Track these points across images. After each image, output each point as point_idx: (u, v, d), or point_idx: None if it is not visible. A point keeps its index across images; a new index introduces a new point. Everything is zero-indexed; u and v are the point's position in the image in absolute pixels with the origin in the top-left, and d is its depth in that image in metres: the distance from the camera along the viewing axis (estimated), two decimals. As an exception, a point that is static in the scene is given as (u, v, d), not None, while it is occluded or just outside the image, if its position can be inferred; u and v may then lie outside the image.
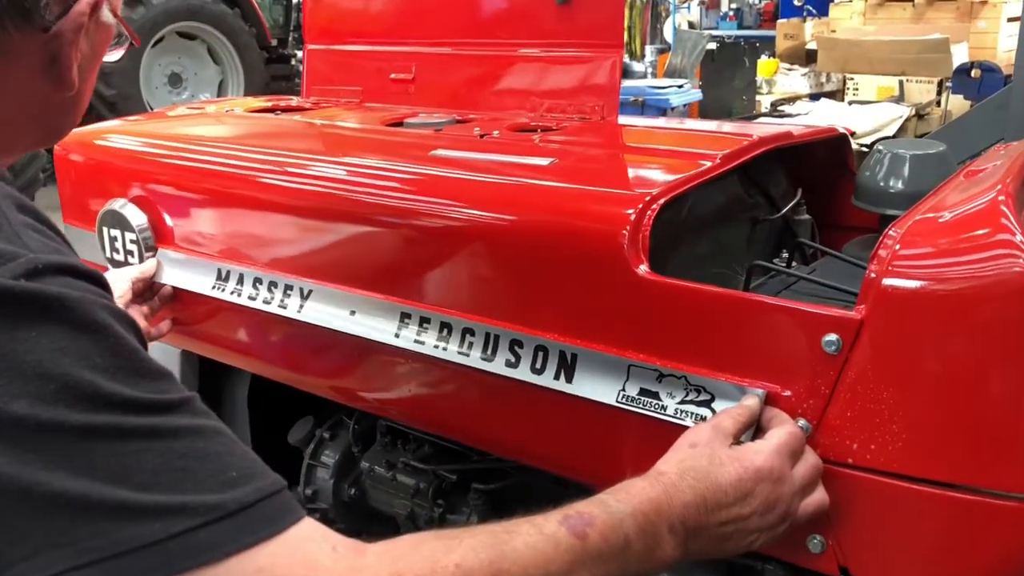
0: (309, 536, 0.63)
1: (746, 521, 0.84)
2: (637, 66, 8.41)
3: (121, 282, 1.36)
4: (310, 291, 1.24)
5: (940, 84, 6.50)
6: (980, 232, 0.81)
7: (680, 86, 5.54)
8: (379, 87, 1.72)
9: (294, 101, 1.78)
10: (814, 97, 6.88)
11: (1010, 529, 0.81)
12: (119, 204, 1.42)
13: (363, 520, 1.49)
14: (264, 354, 1.39)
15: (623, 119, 1.41)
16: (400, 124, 1.45)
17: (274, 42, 8.57)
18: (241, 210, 1.33)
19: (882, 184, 1.23)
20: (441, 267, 1.12)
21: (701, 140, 1.28)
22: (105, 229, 1.45)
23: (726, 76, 6.88)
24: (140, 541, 0.56)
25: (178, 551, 0.57)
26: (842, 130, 1.37)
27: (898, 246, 0.83)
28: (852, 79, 7.11)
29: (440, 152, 1.22)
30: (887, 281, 0.82)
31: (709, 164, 1.09)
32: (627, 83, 6.30)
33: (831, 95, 7.14)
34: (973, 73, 5.26)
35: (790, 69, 7.35)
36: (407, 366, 1.16)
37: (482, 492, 1.30)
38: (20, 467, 0.55)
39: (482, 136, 1.31)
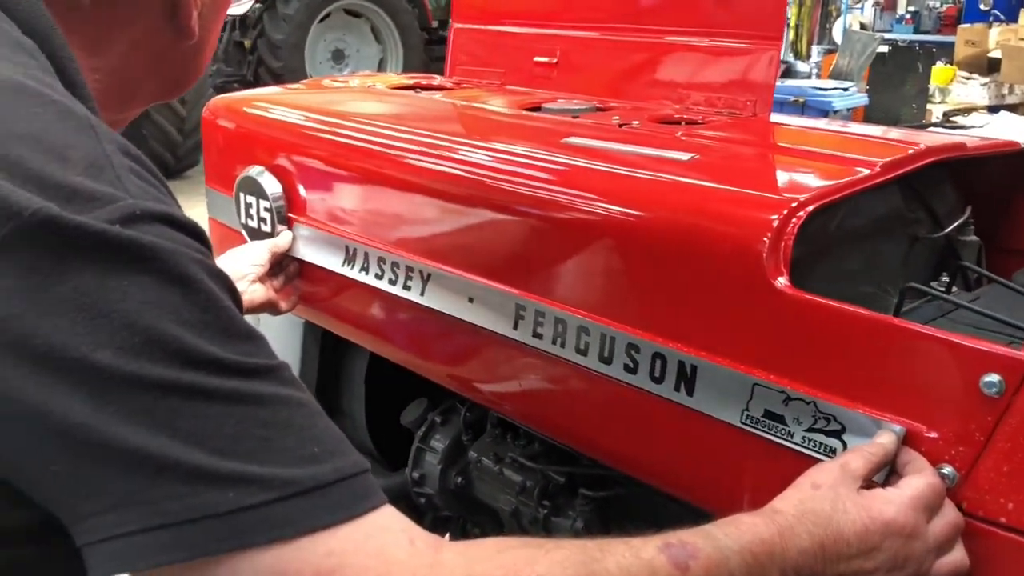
0: (387, 526, 0.59)
1: None
2: (801, 66, 8.09)
3: (260, 253, 1.38)
4: (430, 275, 1.21)
5: None
6: None
7: (845, 89, 5.26)
8: (522, 70, 1.67)
9: (436, 80, 1.76)
10: (993, 109, 6.42)
11: None
12: (256, 171, 1.44)
13: (468, 509, 1.46)
14: (383, 333, 1.37)
15: (777, 117, 1.31)
16: (538, 109, 1.40)
17: (435, 23, 8.71)
18: (371, 187, 1.32)
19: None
20: (561, 261, 1.07)
21: (861, 145, 1.17)
22: (242, 195, 1.47)
23: (896, 81, 6.49)
24: (212, 509, 0.54)
25: (250, 524, 0.55)
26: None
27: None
28: (1036, 90, 6.59)
29: (574, 140, 1.17)
30: (1070, 319, 0.71)
31: (867, 172, 0.98)
32: (789, 83, 6.05)
33: (1012, 108, 6.64)
34: None
35: (968, 78, 6.88)
36: (520, 360, 1.12)
37: (590, 499, 1.25)
38: (100, 418, 0.53)
39: (621, 125, 1.24)
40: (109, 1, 0.71)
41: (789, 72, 7.41)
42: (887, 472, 0.81)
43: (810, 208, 0.90)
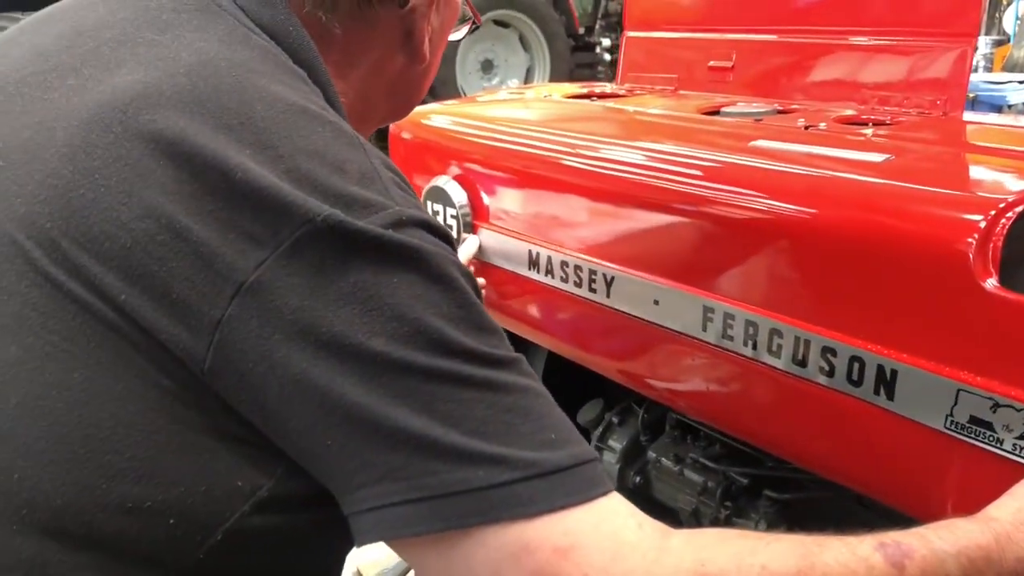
0: (617, 510, 0.64)
1: None
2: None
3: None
4: (613, 277, 1.24)
5: None
6: None
7: (1021, 82, 4.94)
8: (695, 75, 1.68)
9: (608, 88, 1.79)
10: None
11: None
12: (443, 181, 1.51)
13: (646, 510, 1.47)
14: (565, 334, 1.42)
15: (971, 116, 1.28)
16: (716, 113, 1.41)
17: (581, 30, 8.75)
18: (554, 194, 1.36)
19: None
20: (751, 264, 1.08)
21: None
22: (429, 203, 1.55)
23: (1078, 71, 6.03)
24: (465, 485, 0.60)
25: (497, 501, 0.60)
26: None
27: None
28: None
29: (761, 143, 1.18)
30: None
31: (1079, 170, 0.95)
32: (976, 119, 5.72)
33: None
34: None
35: None
36: (708, 361, 1.13)
37: (775, 500, 1.25)
38: (372, 399, 0.60)
39: (807, 128, 1.24)
40: (357, 28, 0.78)
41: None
42: None
43: (1020, 208, 0.88)
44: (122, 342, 0.62)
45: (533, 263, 1.38)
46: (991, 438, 0.86)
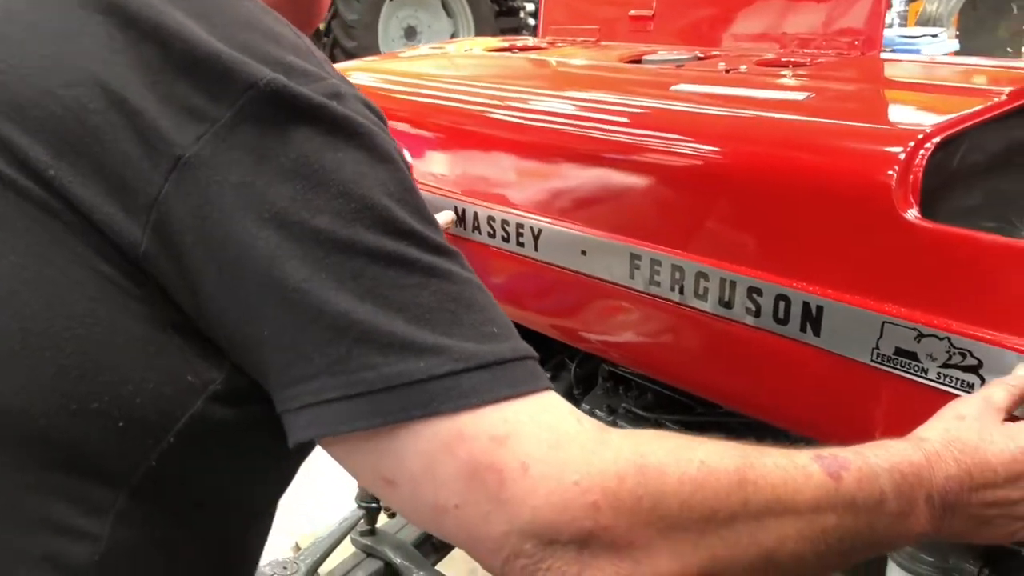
0: (556, 404, 0.62)
1: (1014, 507, 0.74)
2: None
3: None
4: (541, 230, 1.23)
5: None
6: None
7: (934, 35, 5.06)
8: (616, 26, 1.67)
9: (530, 42, 1.77)
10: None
11: None
12: (363, 139, 1.47)
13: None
14: (494, 290, 1.38)
15: (888, 55, 1.29)
16: (638, 61, 1.40)
17: (505, -6, 8.69)
18: (477, 148, 1.34)
19: None
20: (676, 208, 1.07)
21: (982, 76, 1.14)
22: (349, 163, 1.51)
23: (988, 26, 6.21)
24: (406, 378, 0.57)
25: (437, 392, 0.57)
26: None
27: None
28: None
29: (682, 87, 1.17)
30: None
31: (993, 101, 0.96)
32: (891, 57, 5.85)
33: None
34: None
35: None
36: (637, 309, 1.13)
37: (707, 446, 1.25)
38: (315, 282, 0.57)
39: (727, 71, 1.23)
40: None
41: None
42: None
43: (938, 139, 0.88)
44: (55, 223, 0.57)
45: (460, 220, 1.36)
46: (916, 368, 0.87)
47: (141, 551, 0.64)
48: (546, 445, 0.57)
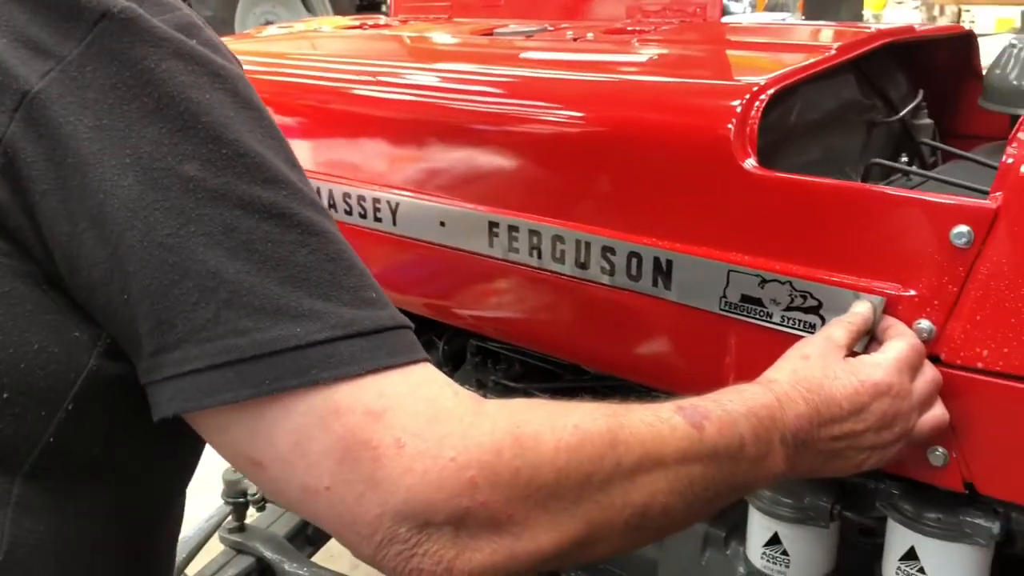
0: (434, 378, 0.59)
1: (859, 438, 0.77)
2: (735, 6, 8.11)
3: None
4: (398, 204, 1.21)
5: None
6: None
7: (783, 20, 5.30)
8: (468, 3, 1.66)
9: (382, 20, 1.74)
10: (926, 31, 6.51)
11: None
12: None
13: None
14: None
15: (729, 19, 1.32)
16: (489, 34, 1.39)
17: (366, -12, 8.57)
18: (330, 125, 1.31)
19: (1015, 82, 1.12)
20: (529, 173, 1.07)
21: (815, 35, 1.19)
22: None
23: (831, 10, 6.53)
24: (280, 344, 0.53)
25: (315, 360, 0.53)
26: (968, 28, 1.25)
27: (1043, 126, 0.75)
28: (968, 11, 6.71)
29: (531, 55, 1.17)
30: (1028, 166, 0.74)
31: (824, 56, 1.00)
32: (724, 20, 6.06)
33: (973, 33, 6.74)
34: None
35: (900, 2, 6.97)
36: (499, 277, 1.12)
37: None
38: (181, 237, 0.52)
39: (575, 40, 1.24)
40: None
41: (724, 11, 7.44)
42: (867, 341, 0.83)
43: (771, 91, 0.91)
44: None
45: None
46: (762, 313, 0.89)
47: (48, 548, 0.58)
48: (423, 420, 0.55)
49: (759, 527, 1.02)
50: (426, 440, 0.54)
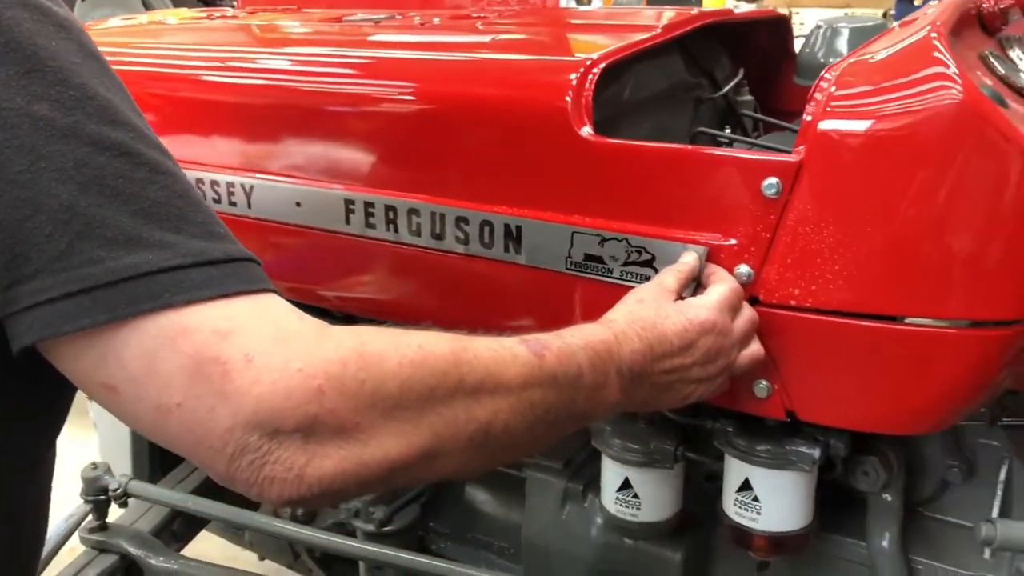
0: (280, 304, 0.62)
1: (688, 371, 0.85)
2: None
3: None
4: (252, 187, 1.22)
5: (885, 15, 6.54)
6: (913, 67, 0.81)
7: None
8: (317, -7, 1.68)
9: (229, 11, 1.74)
10: (761, 31, 6.89)
11: (956, 355, 0.83)
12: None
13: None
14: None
15: (566, 3, 1.40)
16: (339, 21, 1.42)
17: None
18: (183, 111, 1.30)
19: (823, 60, 1.24)
20: (382, 150, 1.11)
21: (643, 18, 1.28)
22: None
23: (672, 5, 6.85)
24: (133, 271, 0.55)
25: (167, 285, 0.56)
26: (781, 12, 1.37)
27: (833, 88, 0.84)
28: (798, 12, 7.13)
29: (379, 37, 1.21)
30: (824, 123, 0.83)
31: (650, 35, 1.08)
32: (569, 7, 6.24)
33: (786, 16, 7.15)
34: (916, 0, 5.31)
35: (736, 5, 7.34)
36: (358, 254, 1.15)
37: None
38: (33, 173, 0.54)
39: (422, 24, 1.29)
40: None
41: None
42: (694, 287, 0.91)
43: (603, 65, 0.98)
44: None
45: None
46: (603, 270, 0.96)
47: None
48: (270, 339, 0.58)
49: (612, 474, 1.09)
50: (274, 355, 0.57)
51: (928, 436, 1.06)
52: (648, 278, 0.93)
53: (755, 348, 0.89)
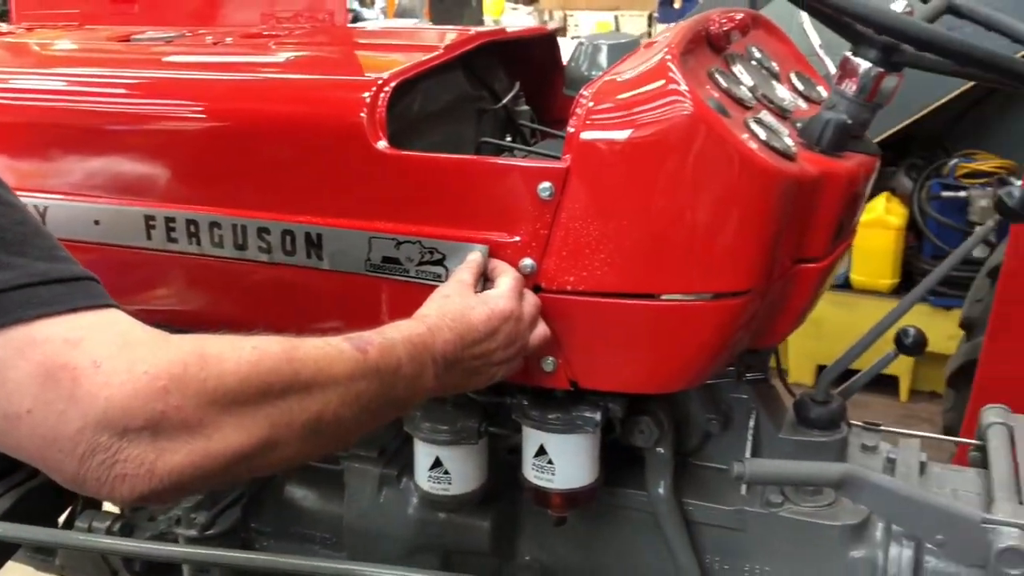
0: (124, 318, 0.69)
1: (492, 355, 0.97)
2: (368, 13, 8.40)
3: None
4: (46, 208, 1.22)
5: (650, 17, 7.04)
6: (653, 84, 0.97)
7: (413, 24, 5.62)
8: (98, 10, 1.67)
9: (3, 28, 1.69)
10: (540, 34, 7.21)
11: (702, 323, 1.00)
12: None
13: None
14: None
15: (355, 24, 1.48)
16: (127, 40, 1.43)
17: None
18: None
19: (586, 73, 1.40)
20: (182, 166, 1.15)
21: (427, 37, 1.39)
22: None
23: (454, 15, 7.03)
24: None
25: (18, 302, 0.62)
26: (550, 30, 1.52)
27: (591, 103, 0.98)
28: (572, 15, 7.54)
29: (173, 58, 1.24)
30: (584, 133, 0.97)
31: (434, 54, 1.19)
32: (356, 27, 6.28)
33: (555, 32, 7.52)
34: (676, 4, 5.77)
35: (515, 7, 7.65)
36: (160, 268, 1.19)
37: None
38: None
39: (215, 44, 1.34)
40: None
41: (357, 19, 7.69)
42: (483, 281, 1.03)
43: (394, 84, 1.08)
44: None
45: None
46: (400, 270, 1.06)
47: None
48: (116, 346, 0.65)
49: (423, 455, 1.20)
50: (120, 360, 0.64)
51: (690, 395, 1.23)
52: (439, 276, 1.04)
53: (542, 329, 1.02)
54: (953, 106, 2.99)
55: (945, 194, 3.11)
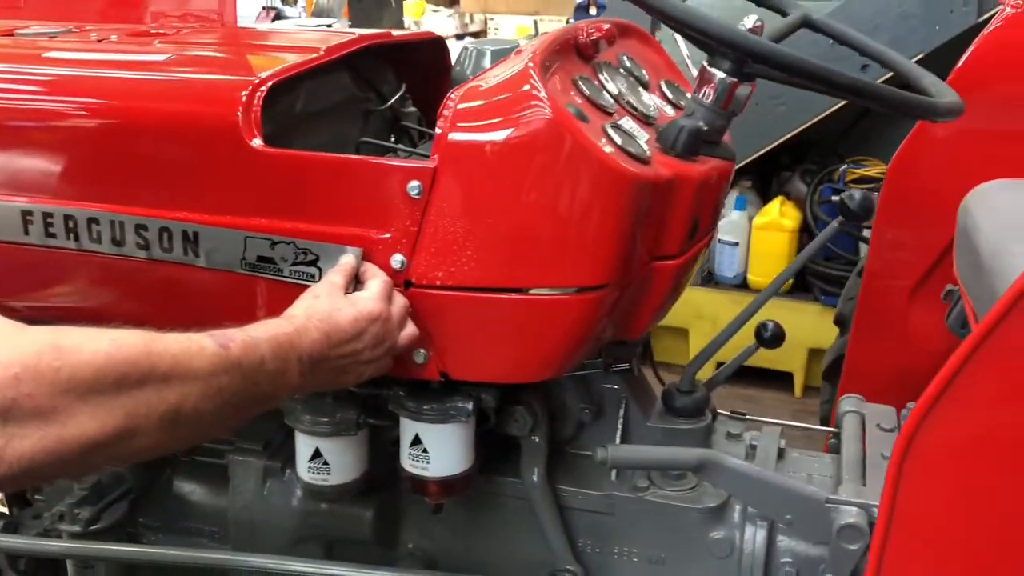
0: None
1: (360, 355, 1.01)
2: (291, 11, 8.32)
3: None
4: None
5: (568, 22, 7.13)
6: (515, 90, 1.02)
7: (329, 26, 5.60)
8: (-18, 5, 1.65)
9: None
10: (459, 37, 7.25)
11: (567, 315, 1.06)
12: None
13: None
14: None
15: (243, 24, 1.51)
16: (11, 35, 1.43)
17: None
18: None
19: (470, 76, 1.44)
20: (62, 162, 1.16)
21: (311, 39, 1.42)
22: None
23: (374, 17, 7.02)
24: None
25: None
26: (438, 34, 1.56)
27: (458, 105, 1.03)
28: (492, 19, 7.59)
29: (56, 54, 1.25)
30: (451, 135, 1.02)
31: (315, 56, 1.22)
32: (275, 25, 6.23)
33: (476, 35, 7.56)
34: (591, 10, 5.87)
35: (436, 10, 7.66)
36: (38, 264, 1.19)
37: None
38: None
39: (99, 41, 1.34)
40: None
41: (279, 17, 7.61)
42: (354, 282, 1.06)
43: (270, 83, 1.11)
44: None
45: None
46: (275, 270, 1.09)
47: None
48: None
49: (304, 446, 1.23)
50: None
51: (564, 385, 1.29)
52: (313, 276, 1.08)
53: (411, 330, 1.06)
54: (846, 115, 3.13)
55: (835, 198, 3.25)
